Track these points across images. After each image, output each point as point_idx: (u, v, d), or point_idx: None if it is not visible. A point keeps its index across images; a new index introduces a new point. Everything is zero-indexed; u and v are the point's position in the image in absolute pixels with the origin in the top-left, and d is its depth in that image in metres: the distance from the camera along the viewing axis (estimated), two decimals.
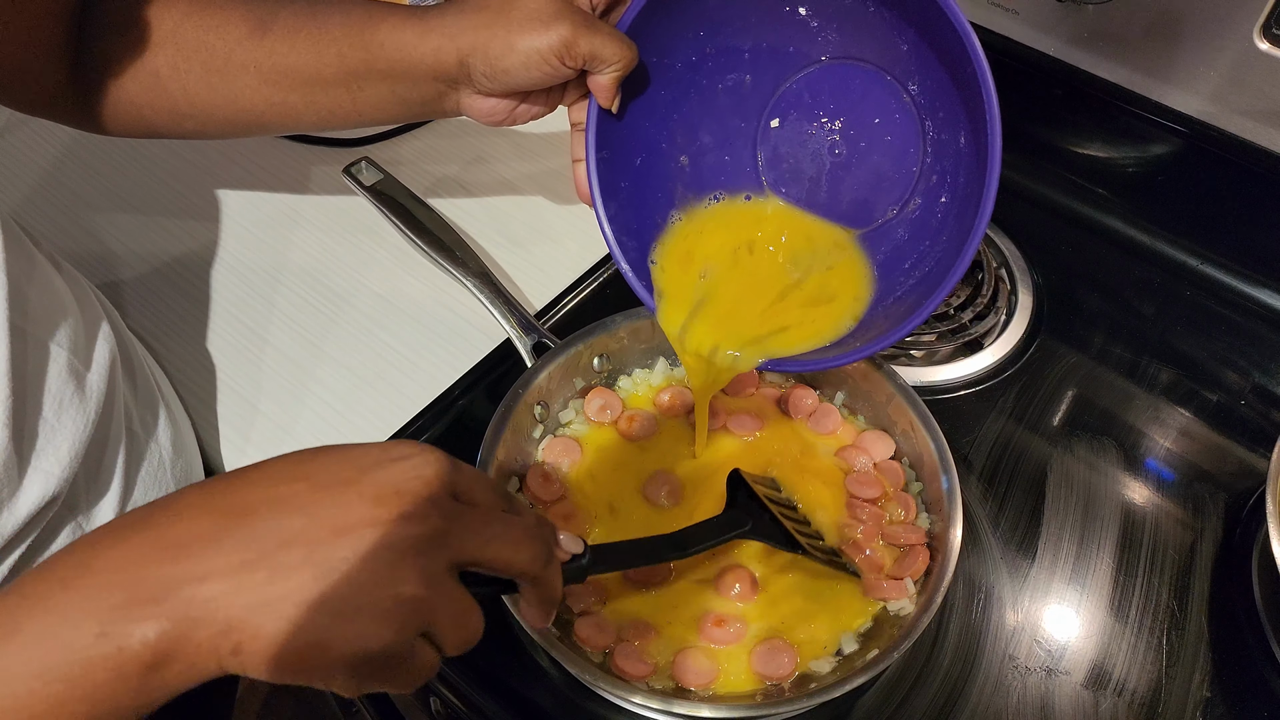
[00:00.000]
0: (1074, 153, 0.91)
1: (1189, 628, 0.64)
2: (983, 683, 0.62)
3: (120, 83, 0.60)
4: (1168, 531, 0.69)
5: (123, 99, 0.61)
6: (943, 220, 0.59)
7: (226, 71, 0.59)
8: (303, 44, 0.59)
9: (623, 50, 0.55)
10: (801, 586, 0.62)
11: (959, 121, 0.56)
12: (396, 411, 0.73)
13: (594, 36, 0.54)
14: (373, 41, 0.58)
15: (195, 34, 0.59)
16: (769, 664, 0.58)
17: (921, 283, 0.59)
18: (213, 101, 0.61)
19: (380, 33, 0.57)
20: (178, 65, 0.59)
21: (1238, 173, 0.82)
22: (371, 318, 0.79)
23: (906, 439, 0.66)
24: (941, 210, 0.59)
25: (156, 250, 0.83)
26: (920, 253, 0.60)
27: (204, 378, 0.75)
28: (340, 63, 0.59)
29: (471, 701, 0.61)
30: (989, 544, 0.68)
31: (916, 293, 0.58)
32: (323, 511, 0.37)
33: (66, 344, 0.53)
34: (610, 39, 0.55)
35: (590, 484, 0.66)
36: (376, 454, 0.40)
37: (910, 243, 0.61)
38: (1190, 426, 0.75)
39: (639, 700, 0.55)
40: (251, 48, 0.59)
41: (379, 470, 0.39)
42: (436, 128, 0.93)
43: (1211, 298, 0.83)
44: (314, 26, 0.59)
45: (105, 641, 0.35)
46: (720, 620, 0.60)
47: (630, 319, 0.70)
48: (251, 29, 0.59)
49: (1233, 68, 0.78)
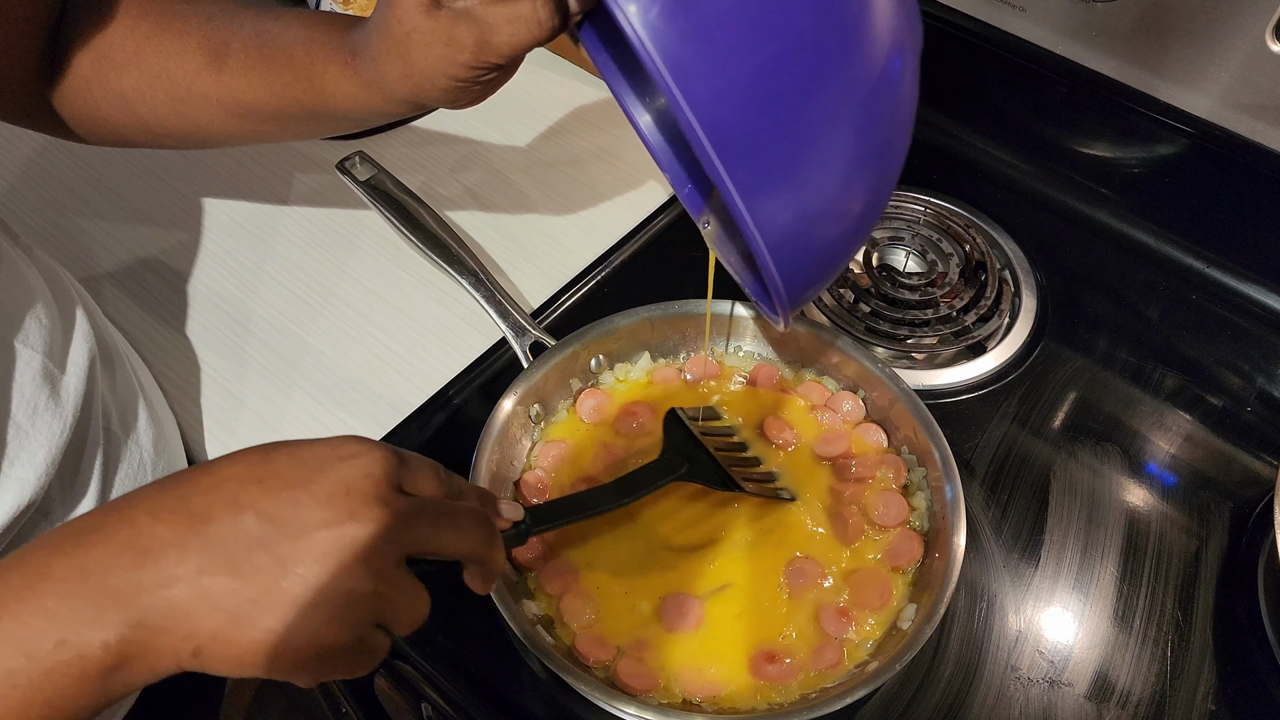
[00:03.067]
0: (1079, 152, 0.90)
1: (1193, 638, 0.63)
2: (984, 694, 0.60)
3: (92, 99, 0.59)
4: (1172, 539, 0.68)
5: (96, 115, 0.60)
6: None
7: (189, 101, 0.59)
8: (258, 83, 0.58)
9: (538, 12, 0.48)
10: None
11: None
12: (388, 410, 0.72)
13: (499, 31, 0.48)
14: (323, 90, 0.57)
15: (156, 60, 0.58)
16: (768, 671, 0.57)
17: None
18: (180, 127, 0.61)
19: (327, 82, 0.56)
20: (142, 89, 0.59)
21: (1245, 175, 0.81)
22: (361, 313, 0.78)
23: (910, 445, 0.65)
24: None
25: (140, 241, 0.82)
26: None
27: (188, 370, 0.74)
28: (298, 105, 0.58)
29: (461, 707, 0.60)
30: (992, 551, 0.67)
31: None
32: (278, 515, 0.39)
33: (41, 346, 0.52)
34: (516, 8, 0.47)
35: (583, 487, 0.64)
36: (326, 453, 0.41)
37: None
38: (1195, 433, 0.74)
39: (646, 714, 0.54)
40: (210, 80, 0.58)
41: (329, 470, 0.40)
42: (432, 121, 0.92)
43: (1218, 302, 0.82)
44: (264, 67, 0.57)
45: (66, 649, 0.36)
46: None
47: (628, 319, 0.68)
48: (208, 59, 0.58)
49: (1243, 68, 0.77)
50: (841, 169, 0.44)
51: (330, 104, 0.57)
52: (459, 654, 0.61)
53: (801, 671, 0.57)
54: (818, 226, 0.45)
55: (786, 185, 0.43)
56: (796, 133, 0.42)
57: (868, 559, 0.62)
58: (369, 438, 0.43)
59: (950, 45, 0.91)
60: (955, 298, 0.79)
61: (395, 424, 0.71)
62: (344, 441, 0.42)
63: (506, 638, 0.60)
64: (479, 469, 0.61)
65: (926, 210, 0.85)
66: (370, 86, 0.54)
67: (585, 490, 0.61)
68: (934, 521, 0.62)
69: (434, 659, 0.61)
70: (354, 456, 0.41)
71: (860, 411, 0.68)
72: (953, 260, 0.82)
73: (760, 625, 0.59)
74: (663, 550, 0.62)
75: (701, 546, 0.62)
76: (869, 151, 0.45)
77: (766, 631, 0.59)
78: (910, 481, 0.65)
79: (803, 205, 0.44)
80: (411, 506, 0.42)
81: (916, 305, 0.79)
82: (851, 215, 0.47)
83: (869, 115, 0.44)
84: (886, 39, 0.43)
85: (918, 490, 0.64)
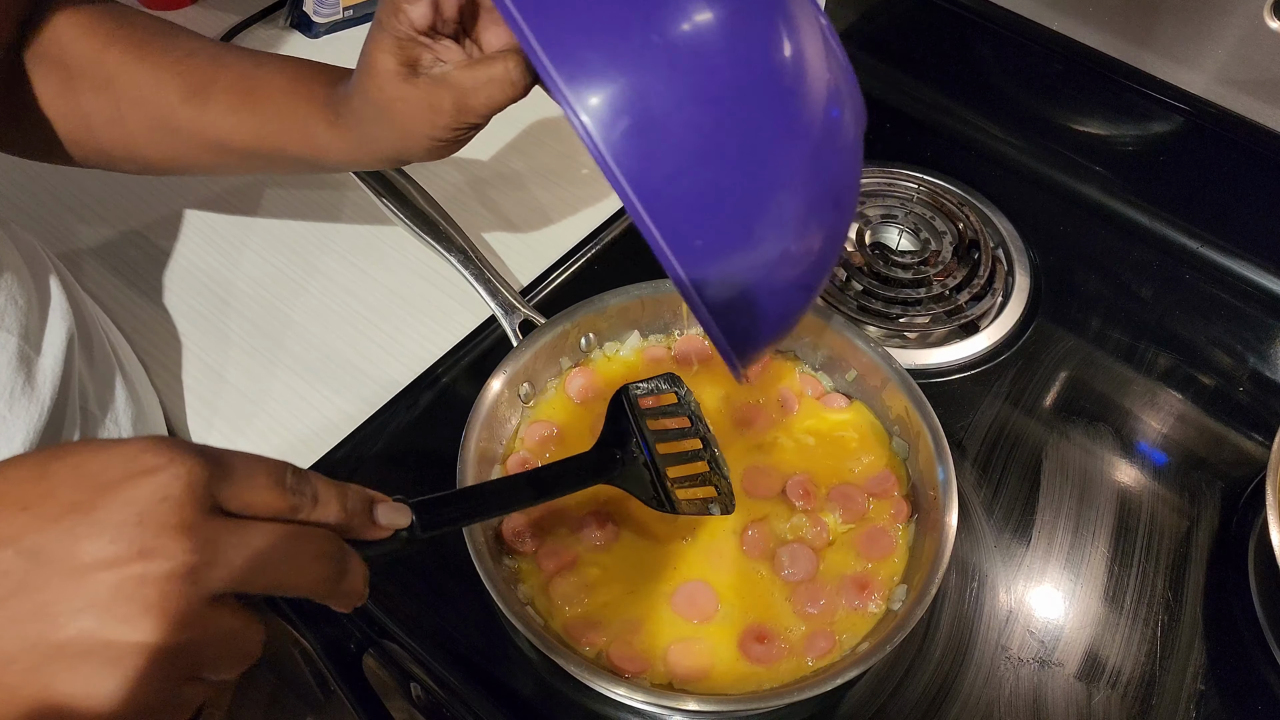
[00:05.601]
0: (1074, 130, 0.89)
1: (1184, 618, 0.63)
2: (974, 674, 0.60)
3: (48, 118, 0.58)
4: (1164, 519, 0.67)
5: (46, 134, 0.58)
6: None
7: (165, 131, 0.58)
8: (241, 126, 0.57)
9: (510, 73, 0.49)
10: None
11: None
12: (375, 388, 0.71)
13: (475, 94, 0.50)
14: (314, 144, 0.57)
15: (131, 88, 0.57)
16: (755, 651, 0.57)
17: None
18: (150, 155, 0.60)
19: (317, 136, 0.56)
20: (110, 115, 0.57)
21: (1241, 153, 0.80)
22: (346, 288, 0.77)
23: (901, 425, 0.65)
24: None
25: (121, 213, 0.80)
26: None
27: (170, 346, 0.73)
28: (283, 152, 0.58)
29: (450, 686, 0.60)
30: (983, 531, 0.66)
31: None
32: (48, 551, 0.31)
33: (16, 329, 0.50)
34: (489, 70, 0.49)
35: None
36: (120, 465, 0.33)
37: None
38: (1188, 413, 0.73)
39: (636, 696, 0.53)
40: (192, 114, 0.57)
41: (119, 491, 0.32)
42: None
43: (1211, 281, 0.82)
44: (249, 111, 0.57)
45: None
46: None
47: (619, 297, 0.67)
48: (189, 93, 0.57)
49: (1240, 45, 0.76)
50: (783, 236, 0.44)
51: (316, 154, 0.58)
52: (448, 634, 0.61)
53: (792, 654, 0.57)
54: (763, 294, 0.45)
55: (730, 257, 0.43)
56: (736, 202, 0.42)
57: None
58: (182, 440, 0.34)
59: (945, 20, 0.90)
60: (948, 276, 0.79)
61: (383, 402, 0.70)
62: (144, 450, 0.33)
63: (496, 618, 0.60)
64: (467, 450, 0.60)
65: (920, 188, 0.84)
66: (353, 144, 0.56)
67: (492, 482, 0.54)
68: (924, 500, 0.62)
69: (423, 639, 0.60)
70: (152, 472, 0.32)
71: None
72: (946, 238, 0.81)
73: (750, 608, 0.59)
74: (655, 533, 0.61)
75: (694, 529, 0.62)
76: (807, 216, 0.45)
77: (757, 613, 0.59)
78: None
79: (746, 273, 0.44)
80: (226, 534, 0.33)
81: (909, 284, 0.78)
82: (796, 281, 0.47)
83: (809, 180, 0.44)
84: (820, 102, 0.43)
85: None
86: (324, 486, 0.37)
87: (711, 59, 0.41)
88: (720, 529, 0.62)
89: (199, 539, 0.32)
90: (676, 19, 0.40)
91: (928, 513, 0.60)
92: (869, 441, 0.66)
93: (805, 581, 0.59)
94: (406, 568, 0.63)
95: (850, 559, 0.61)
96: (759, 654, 0.57)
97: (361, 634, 0.63)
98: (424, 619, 0.61)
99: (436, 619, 0.61)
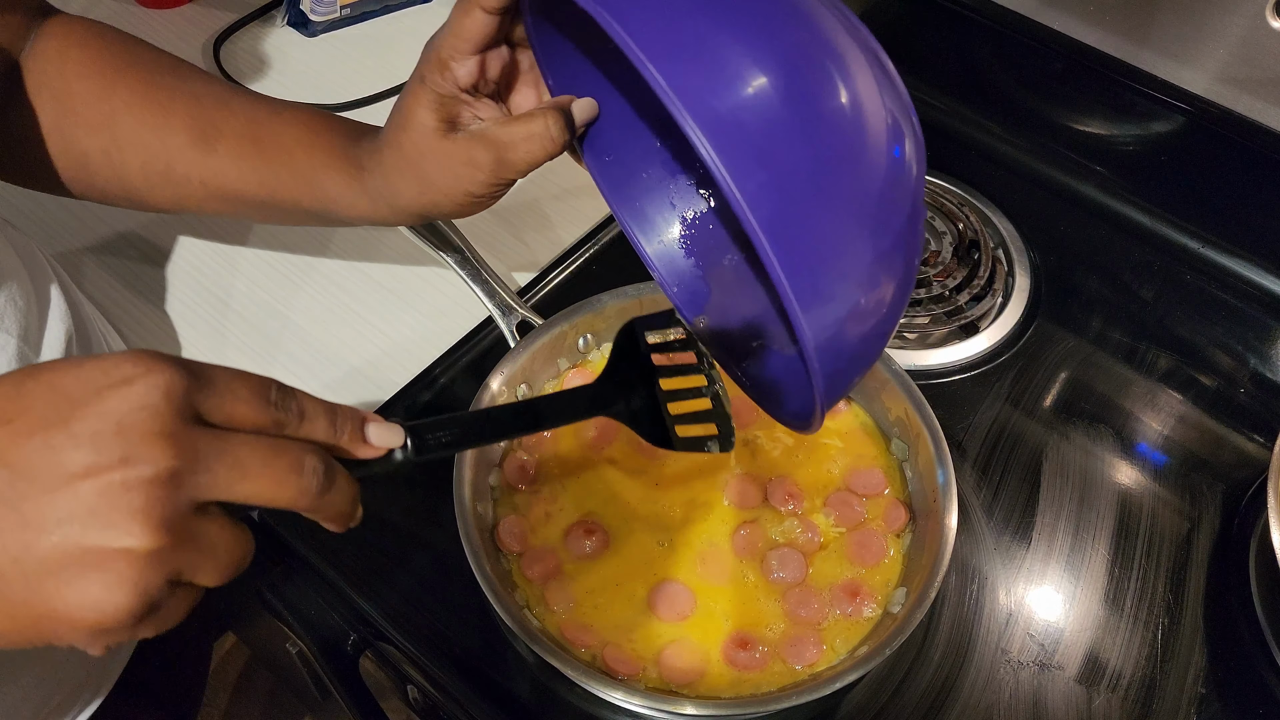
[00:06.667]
0: (1075, 130, 0.89)
1: (1184, 621, 0.63)
2: (974, 677, 0.60)
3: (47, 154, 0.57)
4: (1164, 521, 0.67)
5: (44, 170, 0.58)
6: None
7: (169, 175, 0.57)
8: (249, 174, 0.56)
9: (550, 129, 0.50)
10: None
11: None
12: (373, 389, 0.71)
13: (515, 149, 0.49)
14: (324, 196, 0.56)
15: (134, 130, 0.56)
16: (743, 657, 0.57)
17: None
18: (152, 198, 0.59)
19: (329, 189, 0.55)
20: (113, 156, 0.56)
21: (1242, 154, 0.80)
22: (344, 289, 0.76)
23: (901, 426, 0.64)
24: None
25: (118, 215, 0.80)
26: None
27: (167, 345, 0.72)
28: (292, 202, 0.57)
29: (447, 688, 0.60)
30: (983, 532, 0.66)
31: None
32: (28, 464, 0.32)
33: (15, 330, 0.50)
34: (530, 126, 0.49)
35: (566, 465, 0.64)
36: (96, 378, 0.33)
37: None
38: (1188, 414, 0.73)
39: (633, 699, 0.53)
40: (195, 161, 0.56)
41: (96, 402, 0.32)
42: None
43: (1213, 282, 0.82)
44: (258, 159, 0.56)
45: None
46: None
47: (617, 298, 0.67)
48: (194, 140, 0.56)
49: (1242, 45, 0.76)
50: (875, 263, 0.43)
51: (331, 209, 0.57)
52: (445, 636, 0.60)
53: (777, 658, 0.57)
54: (857, 326, 0.44)
55: (834, 288, 0.41)
56: (840, 232, 0.41)
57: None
58: (157, 352, 0.34)
59: (945, 19, 0.89)
60: (948, 277, 0.78)
61: (381, 403, 0.70)
62: (121, 361, 0.33)
63: (493, 620, 0.60)
64: (463, 454, 0.60)
65: None
66: (376, 199, 0.55)
67: (489, 409, 0.53)
68: (924, 502, 0.61)
69: (419, 640, 0.60)
70: (129, 382, 0.32)
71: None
72: (946, 239, 0.81)
73: (734, 610, 0.59)
74: (648, 534, 0.61)
75: (687, 530, 0.61)
76: (900, 258, 0.44)
77: (742, 617, 0.58)
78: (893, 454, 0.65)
79: (853, 326, 0.43)
80: (207, 442, 0.33)
81: None
82: (885, 313, 0.45)
83: (888, 204, 0.43)
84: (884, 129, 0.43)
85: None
86: (311, 403, 0.37)
87: (832, 120, 0.40)
88: (715, 532, 0.61)
89: (180, 446, 0.32)
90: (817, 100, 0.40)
91: (927, 515, 0.60)
92: (857, 440, 0.66)
93: (795, 585, 0.59)
94: (404, 570, 0.63)
95: (841, 565, 0.60)
96: (744, 661, 0.56)
97: (359, 635, 0.63)
98: (421, 621, 0.61)
99: (433, 621, 0.61)
